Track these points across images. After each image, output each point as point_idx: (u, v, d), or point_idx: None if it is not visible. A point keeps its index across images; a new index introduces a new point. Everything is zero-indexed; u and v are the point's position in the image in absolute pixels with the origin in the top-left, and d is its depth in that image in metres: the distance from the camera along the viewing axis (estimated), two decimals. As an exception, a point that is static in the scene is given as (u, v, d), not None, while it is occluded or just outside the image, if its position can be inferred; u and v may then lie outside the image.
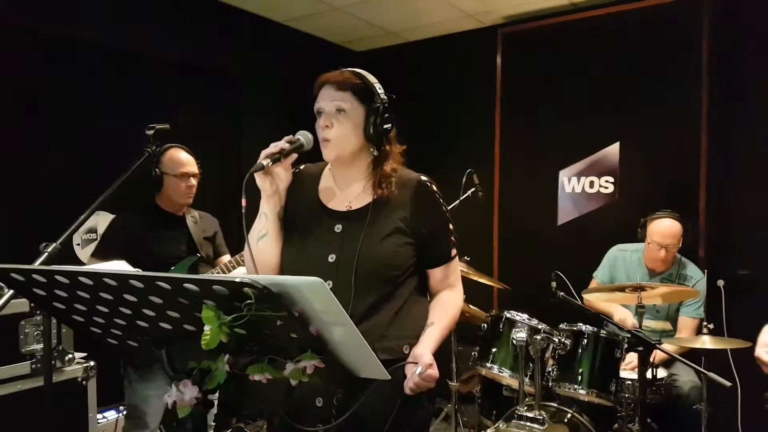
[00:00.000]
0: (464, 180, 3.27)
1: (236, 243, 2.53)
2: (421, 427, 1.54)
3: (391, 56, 4.59)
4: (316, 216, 1.53)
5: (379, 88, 1.50)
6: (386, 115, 1.49)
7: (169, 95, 3.43)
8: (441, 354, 1.46)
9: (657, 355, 2.63)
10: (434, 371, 1.37)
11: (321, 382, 1.35)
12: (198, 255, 2.52)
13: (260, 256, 1.51)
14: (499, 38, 4.15)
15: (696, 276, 3.02)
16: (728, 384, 2.24)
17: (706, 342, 2.48)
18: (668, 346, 2.58)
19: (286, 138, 1.48)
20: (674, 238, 2.93)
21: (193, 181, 2.49)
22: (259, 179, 1.46)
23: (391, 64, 4.23)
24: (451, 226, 1.57)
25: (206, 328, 0.94)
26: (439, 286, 1.57)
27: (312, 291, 0.99)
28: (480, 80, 4.27)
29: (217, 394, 1.18)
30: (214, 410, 1.19)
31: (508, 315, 2.67)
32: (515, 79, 4.12)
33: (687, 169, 3.46)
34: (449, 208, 1.61)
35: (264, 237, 1.52)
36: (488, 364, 2.67)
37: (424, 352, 1.41)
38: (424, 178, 1.55)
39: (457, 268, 1.61)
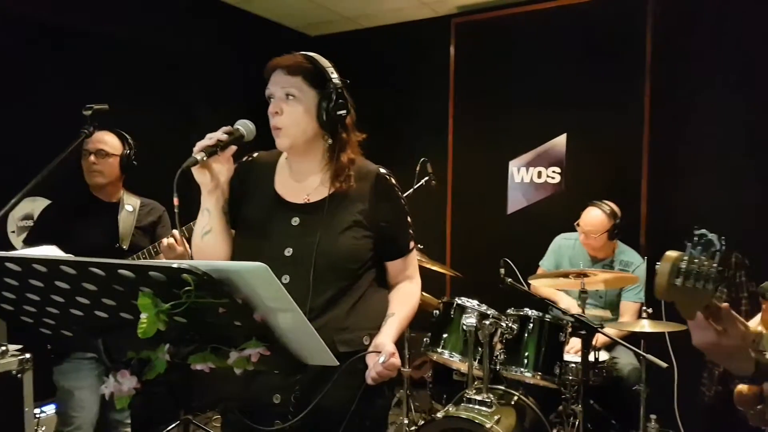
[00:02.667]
0: (418, 168, 3.29)
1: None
2: (381, 415, 1.55)
3: (346, 42, 4.55)
4: (271, 208, 1.49)
5: (332, 72, 1.46)
6: (340, 100, 1.44)
7: (112, 76, 3.28)
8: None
9: (599, 339, 2.74)
10: (397, 360, 1.36)
11: (279, 379, 1.34)
12: (116, 246, 2.39)
13: (206, 251, 1.47)
14: (452, 28, 4.17)
15: (636, 261, 3.15)
16: (665, 365, 2.33)
17: (645, 326, 2.58)
18: (609, 330, 2.67)
19: (224, 129, 1.42)
20: (593, 226, 3.07)
21: (93, 158, 2.33)
22: (198, 174, 1.40)
23: (345, 50, 4.17)
24: (409, 219, 1.56)
25: (143, 316, 0.91)
26: (398, 277, 1.57)
27: (255, 277, 0.97)
28: (434, 69, 4.29)
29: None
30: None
31: (459, 301, 2.71)
32: (468, 69, 4.16)
33: (630, 160, 3.58)
34: (403, 196, 1.60)
35: (208, 233, 1.47)
36: (439, 350, 2.71)
37: (385, 341, 1.40)
38: (383, 170, 1.53)
39: (415, 259, 1.61)
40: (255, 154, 1.59)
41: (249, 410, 1.40)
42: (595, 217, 3.09)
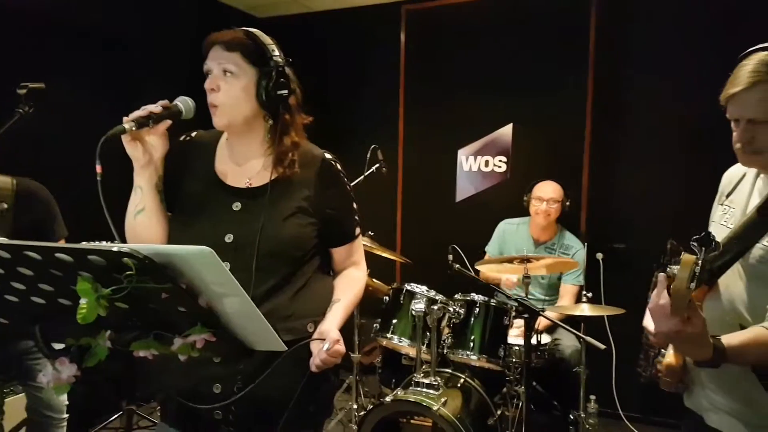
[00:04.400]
0: (369, 156, 3.30)
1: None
2: (325, 400, 1.54)
3: (295, 25, 4.48)
4: (211, 191, 1.43)
5: (274, 50, 1.41)
6: (281, 79, 1.40)
7: (51, 59, 3.12)
8: (344, 327, 1.45)
9: (541, 322, 2.84)
10: (341, 347, 1.33)
11: (220, 369, 1.31)
12: None
13: (139, 232, 1.42)
14: (403, 14, 4.17)
15: (576, 246, 3.28)
16: (603, 347, 2.44)
17: (585, 309, 2.68)
18: (551, 313, 2.77)
19: (161, 102, 1.37)
20: (554, 194, 3.23)
21: None
22: (130, 147, 1.35)
23: (294, 33, 4.12)
24: (354, 205, 1.54)
25: (82, 301, 0.88)
26: (344, 264, 1.55)
27: (200, 261, 0.95)
28: (385, 56, 4.27)
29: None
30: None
31: (408, 287, 2.75)
32: (418, 56, 4.17)
33: (572, 150, 3.70)
34: (354, 183, 1.58)
35: (141, 212, 1.41)
36: (389, 335, 2.75)
37: (330, 328, 1.38)
38: (328, 156, 1.49)
39: (361, 245, 1.59)
40: (193, 134, 1.53)
41: (189, 400, 1.37)
42: (551, 185, 3.27)
